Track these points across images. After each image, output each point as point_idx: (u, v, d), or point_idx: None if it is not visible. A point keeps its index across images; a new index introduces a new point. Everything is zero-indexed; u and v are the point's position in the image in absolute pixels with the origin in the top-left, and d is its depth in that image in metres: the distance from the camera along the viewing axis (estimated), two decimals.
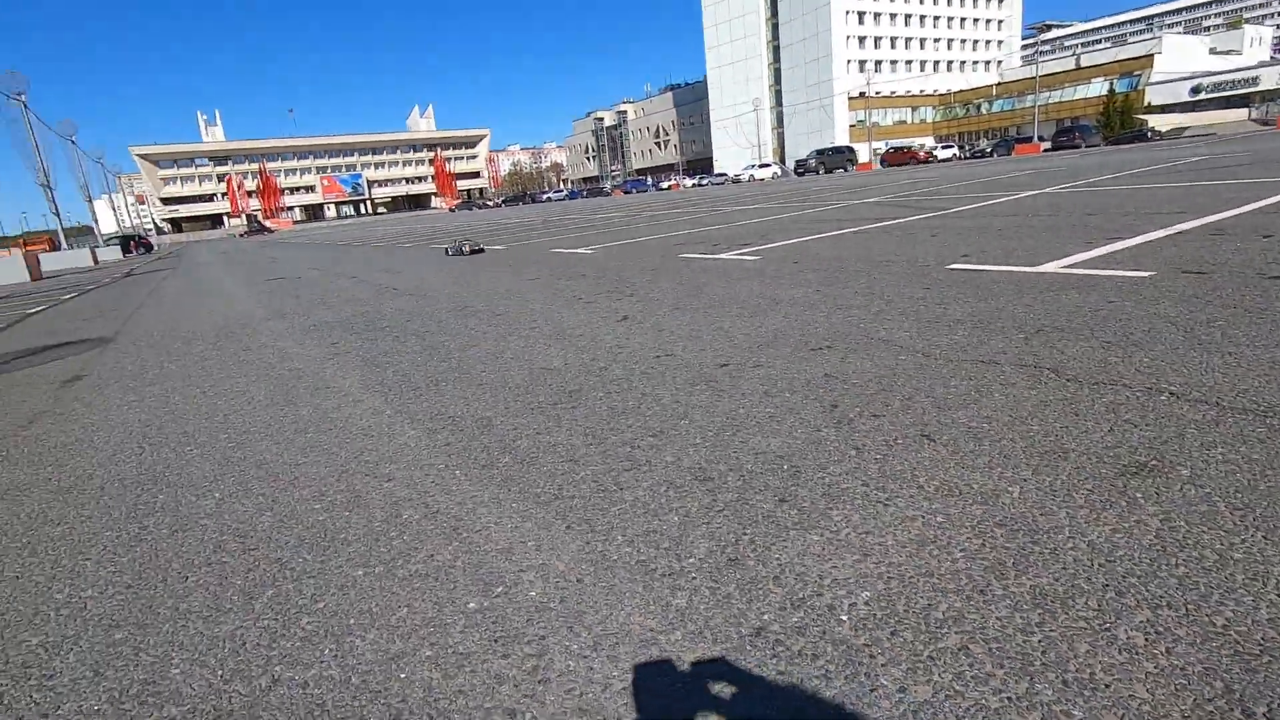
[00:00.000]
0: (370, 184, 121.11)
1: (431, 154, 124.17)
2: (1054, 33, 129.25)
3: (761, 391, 2.53)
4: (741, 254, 6.67)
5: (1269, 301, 2.93)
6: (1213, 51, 67.76)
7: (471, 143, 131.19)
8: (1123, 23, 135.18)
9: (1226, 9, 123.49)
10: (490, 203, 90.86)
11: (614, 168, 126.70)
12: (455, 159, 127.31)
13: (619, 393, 2.71)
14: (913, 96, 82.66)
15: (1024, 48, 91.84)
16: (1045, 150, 43.39)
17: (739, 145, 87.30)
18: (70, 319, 8.54)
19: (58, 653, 1.43)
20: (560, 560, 1.55)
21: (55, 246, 37.18)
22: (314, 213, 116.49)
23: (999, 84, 78.60)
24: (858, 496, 1.68)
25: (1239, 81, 54.15)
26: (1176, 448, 1.73)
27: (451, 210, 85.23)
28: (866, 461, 1.86)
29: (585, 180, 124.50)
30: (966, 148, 59.79)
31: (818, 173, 51.03)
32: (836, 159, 52.17)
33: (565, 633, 1.30)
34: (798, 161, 57.17)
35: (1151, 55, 62.96)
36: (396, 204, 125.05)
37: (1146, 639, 1.11)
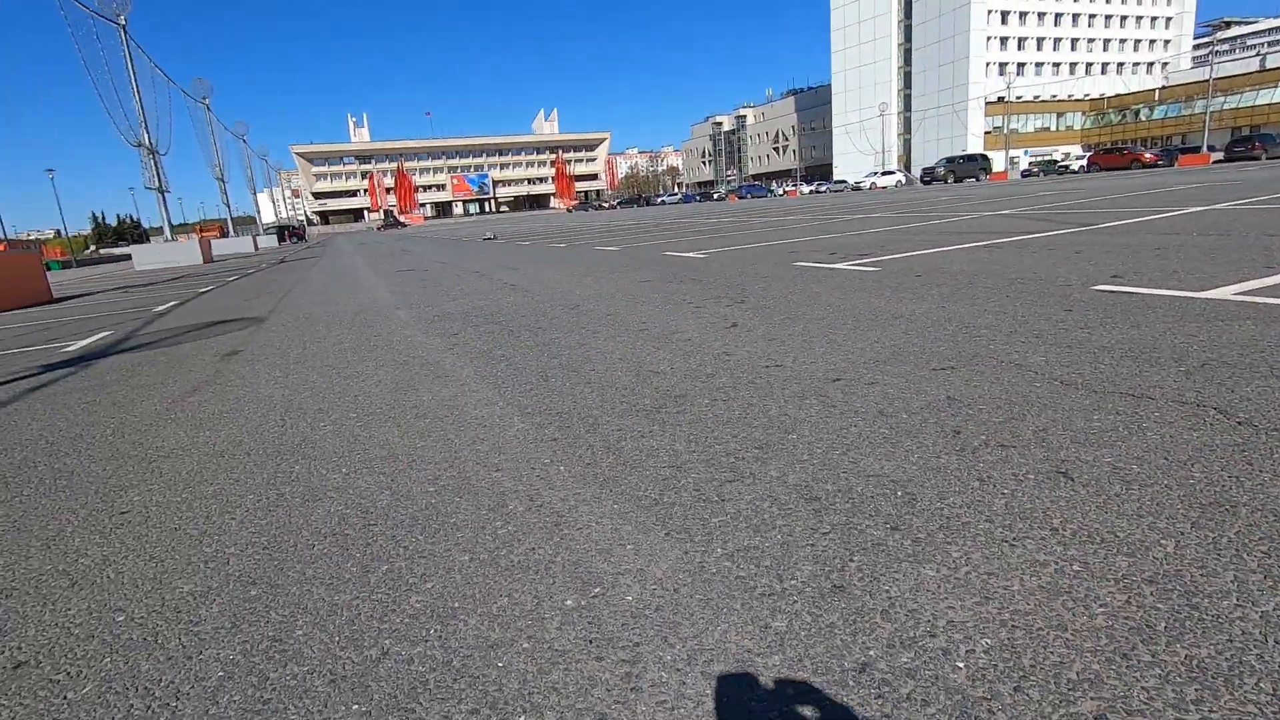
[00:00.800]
0: (495, 184, 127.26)
1: (553, 156, 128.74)
2: (1234, 30, 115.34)
3: (876, 410, 2.40)
4: (859, 264, 6.42)
5: None
6: None
7: (591, 145, 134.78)
8: None
9: None
10: (606, 205, 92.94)
11: (730, 172, 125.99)
12: (575, 161, 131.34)
13: (725, 401, 2.67)
14: (1059, 101, 76.46)
15: (1195, 47, 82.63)
16: (1216, 161, 38.81)
17: (861, 151, 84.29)
18: (233, 298, 9.54)
19: (203, 601, 1.58)
20: (658, 567, 1.54)
21: (224, 234, 41.76)
22: (443, 209, 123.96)
23: (1163, 88, 71.16)
24: (980, 533, 1.55)
25: None
26: None
27: (569, 211, 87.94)
28: (992, 495, 1.72)
29: (700, 184, 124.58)
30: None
31: (946, 181, 48.31)
32: (968, 167, 49.16)
33: (659, 642, 1.28)
34: (924, 169, 54.32)
35: None
36: (518, 203, 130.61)
37: None
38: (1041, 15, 75.72)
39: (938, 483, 1.81)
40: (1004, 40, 74.84)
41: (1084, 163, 49.01)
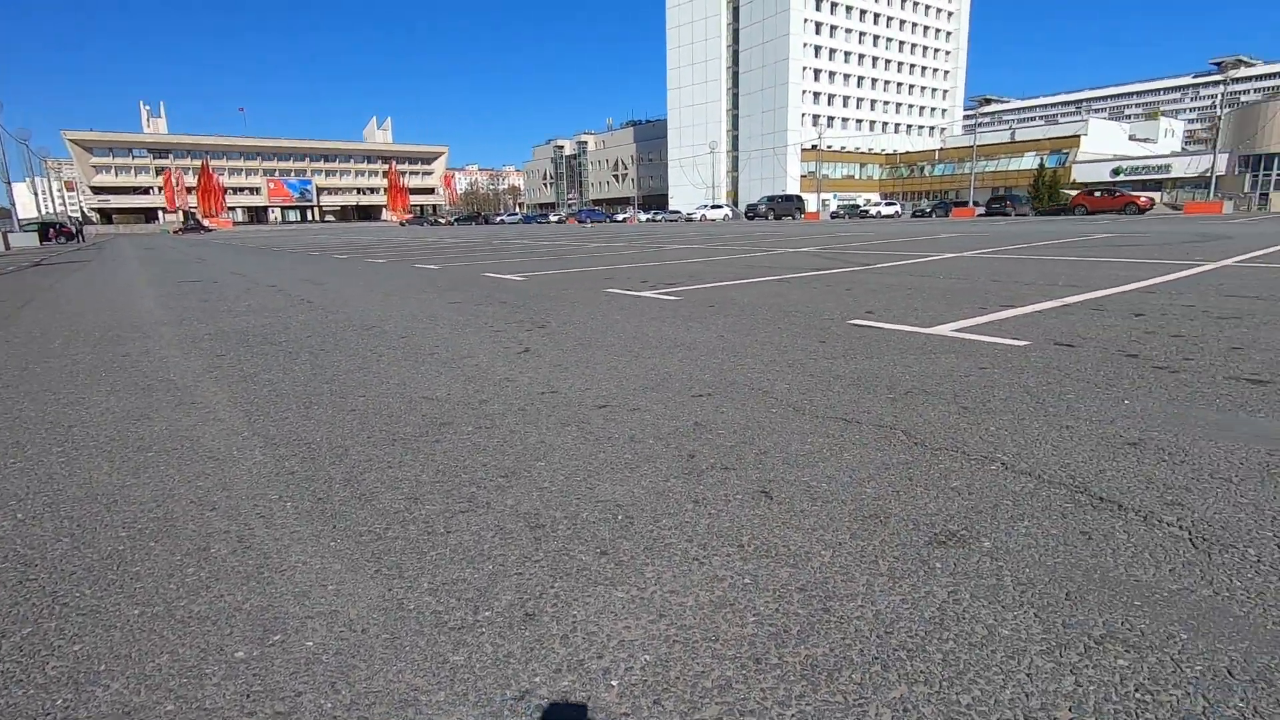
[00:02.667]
0: (320, 191, 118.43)
1: (386, 166, 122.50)
2: (993, 106, 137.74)
3: (628, 436, 2.52)
4: (665, 293, 6.75)
5: (1119, 378, 3.11)
6: (1132, 138, 73.25)
7: (429, 159, 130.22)
8: (1055, 104, 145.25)
9: (1146, 101, 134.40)
10: (443, 220, 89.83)
11: (571, 196, 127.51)
12: (411, 174, 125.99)
13: (488, 429, 2.66)
14: (861, 154, 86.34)
15: (966, 118, 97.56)
16: (979, 215, 45.83)
17: (694, 185, 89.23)
18: None
19: None
20: (354, 608, 1.48)
21: None
22: (257, 215, 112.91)
23: (941, 149, 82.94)
24: (678, 553, 1.67)
25: (1154, 167, 58.57)
26: (989, 519, 1.79)
27: (402, 224, 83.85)
28: (700, 516, 1.86)
29: (542, 206, 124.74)
30: (909, 206, 62.68)
31: (767, 218, 52.49)
32: (786, 206, 53.83)
33: (326, 689, 1.23)
34: (749, 206, 58.73)
35: (1078, 136, 67.66)
36: (345, 213, 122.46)
37: (894, 715, 1.12)
38: (847, 77, 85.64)
39: (657, 505, 1.93)
40: (816, 95, 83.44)
41: (895, 209, 55.56)
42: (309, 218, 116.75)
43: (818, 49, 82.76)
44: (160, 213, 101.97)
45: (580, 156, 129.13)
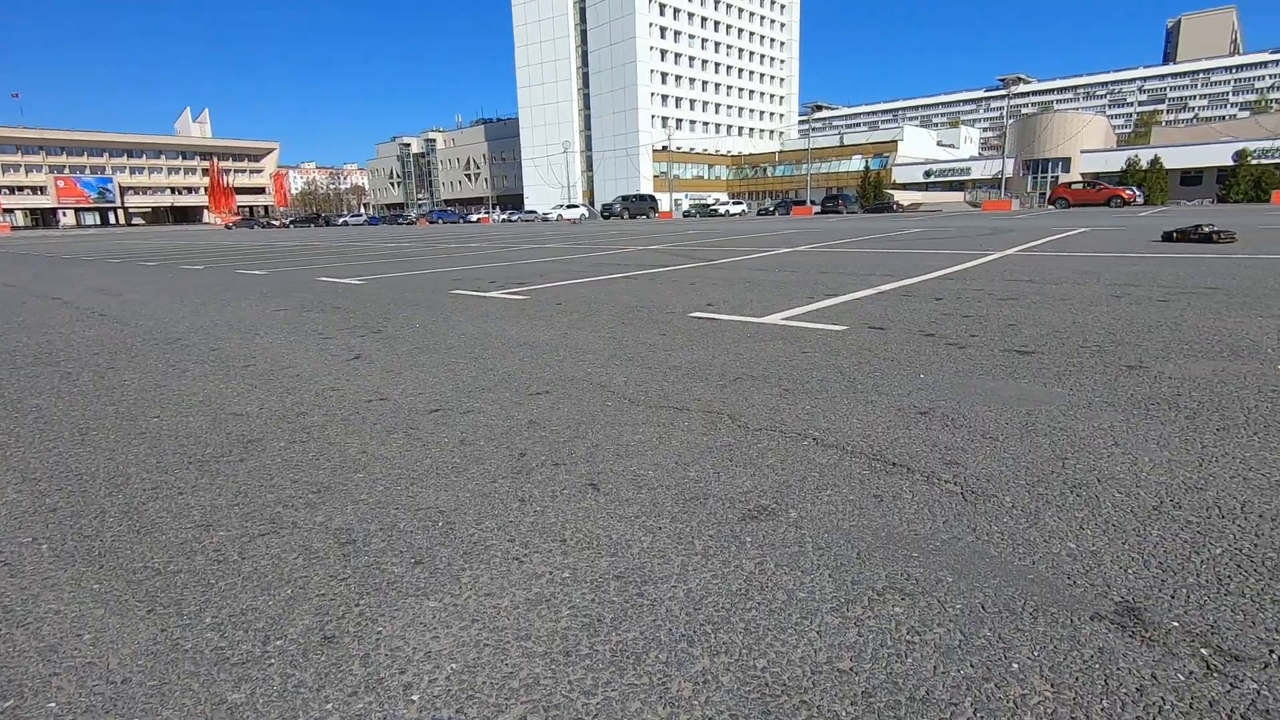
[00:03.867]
0: (124, 190, 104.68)
1: (206, 163, 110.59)
2: (824, 113, 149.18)
3: (458, 439, 2.43)
4: (512, 293, 6.63)
5: (918, 355, 3.46)
6: (939, 144, 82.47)
7: (257, 155, 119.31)
8: (876, 111, 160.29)
9: (950, 110, 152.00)
10: (276, 222, 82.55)
11: (421, 196, 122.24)
12: (237, 171, 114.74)
13: (303, 443, 2.45)
14: (710, 155, 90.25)
15: (800, 122, 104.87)
16: (816, 213, 49.51)
17: (549, 184, 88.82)
18: None
19: None
20: (116, 655, 1.29)
21: None
22: (43, 218, 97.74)
23: (781, 151, 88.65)
24: (499, 554, 1.62)
25: (958, 170, 66.31)
26: (797, 491, 1.90)
27: (228, 227, 76.05)
28: (525, 514, 1.82)
29: (390, 207, 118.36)
30: (755, 205, 66.42)
31: (622, 217, 53.40)
32: (640, 206, 55.10)
33: None
34: (604, 205, 59.43)
35: (896, 141, 75.11)
36: (158, 215, 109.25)
37: (695, 689, 1.15)
38: (693, 81, 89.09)
39: (481, 507, 1.87)
40: (665, 98, 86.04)
41: (742, 208, 58.44)
42: (112, 220, 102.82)
43: (664, 53, 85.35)
44: None
45: (429, 155, 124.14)
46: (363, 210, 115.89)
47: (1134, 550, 1.53)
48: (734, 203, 63.39)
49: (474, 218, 70.14)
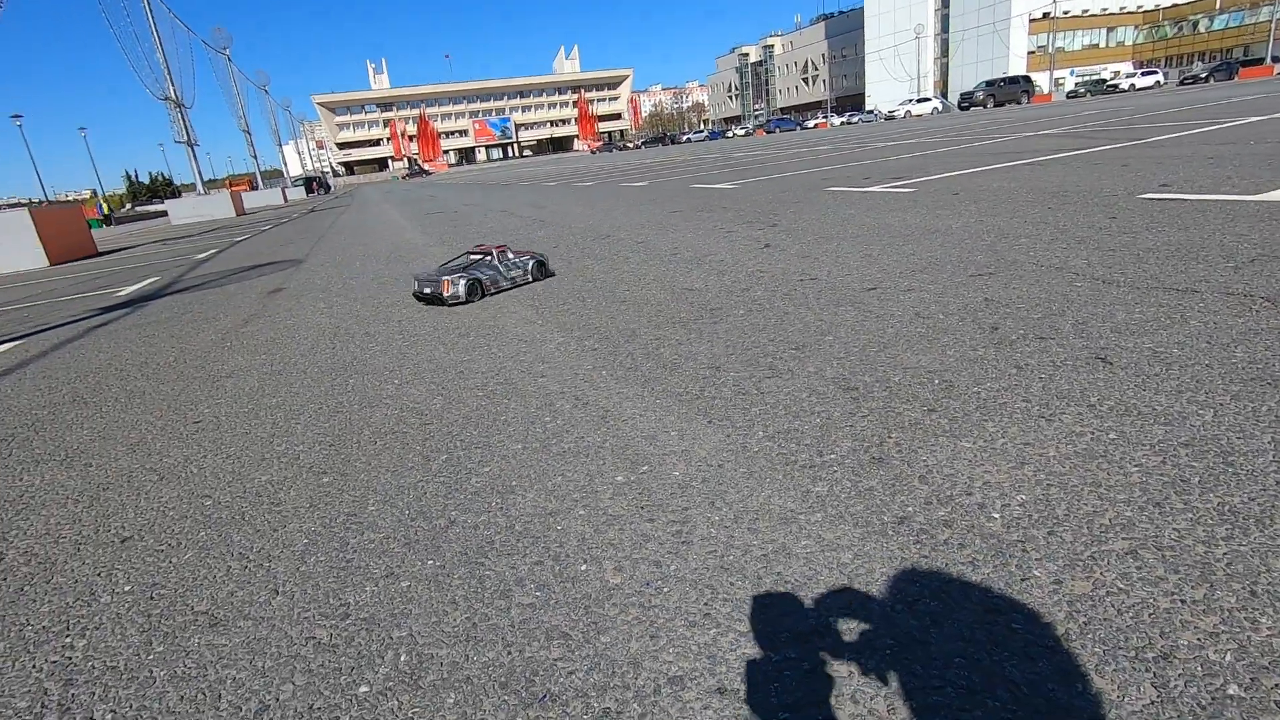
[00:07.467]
0: (517, 127, 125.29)
1: (575, 96, 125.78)
2: None
3: (913, 313, 2.42)
4: (893, 187, 6.27)
5: None
6: None
7: (614, 84, 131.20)
8: None
9: None
10: (630, 145, 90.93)
11: (758, 106, 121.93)
12: (598, 101, 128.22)
13: (760, 311, 2.70)
14: (1109, 15, 71.62)
15: None
16: None
17: (895, 79, 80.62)
18: (269, 245, 9.72)
19: (281, 488, 1.71)
20: (702, 448, 1.61)
21: (253, 187, 42.05)
22: (466, 156, 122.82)
23: None
24: (1017, 411, 1.59)
25: None
26: None
27: (593, 152, 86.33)
28: (1029, 380, 1.74)
29: (726, 120, 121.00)
30: (1178, 73, 51.18)
31: (985, 106, 46.04)
32: (1009, 90, 46.72)
33: (706, 506, 1.37)
34: (962, 94, 51.79)
35: None
36: (541, 147, 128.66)
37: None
38: None
39: (974, 371, 1.84)
40: None
41: (1156, 77, 45.65)
42: (509, 154, 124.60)
43: None
44: (389, 161, 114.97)
45: (766, 62, 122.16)
46: (702, 126, 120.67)
47: None
48: (1144, 72, 49.62)
49: (810, 123, 67.68)
